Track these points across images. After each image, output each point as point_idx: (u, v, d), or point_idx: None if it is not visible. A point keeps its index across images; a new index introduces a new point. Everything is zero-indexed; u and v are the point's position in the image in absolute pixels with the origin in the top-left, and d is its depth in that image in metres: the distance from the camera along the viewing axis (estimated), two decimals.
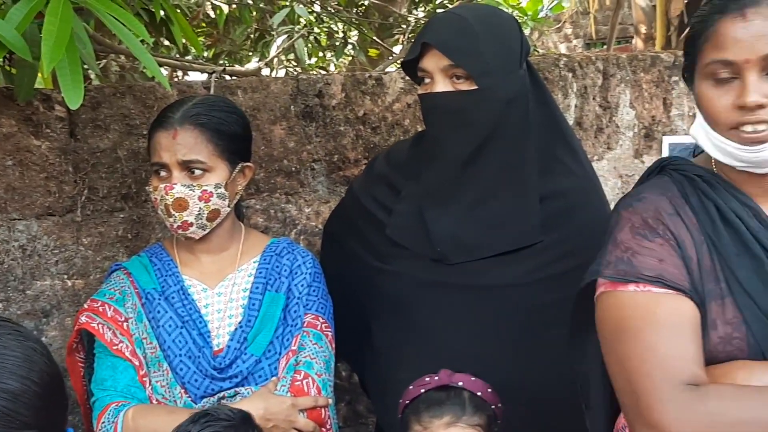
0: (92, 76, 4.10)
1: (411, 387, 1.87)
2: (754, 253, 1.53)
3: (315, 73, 6.00)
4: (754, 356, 1.50)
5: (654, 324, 1.48)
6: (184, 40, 2.55)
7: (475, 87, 1.90)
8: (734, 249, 1.54)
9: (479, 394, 1.83)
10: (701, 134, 1.58)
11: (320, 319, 2.09)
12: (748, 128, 1.48)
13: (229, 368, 2.02)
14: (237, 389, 2.02)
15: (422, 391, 1.84)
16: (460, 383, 1.83)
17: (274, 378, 2.03)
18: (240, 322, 2.05)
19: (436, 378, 1.85)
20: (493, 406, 1.84)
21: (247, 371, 2.02)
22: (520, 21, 2.23)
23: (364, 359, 2.20)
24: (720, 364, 1.50)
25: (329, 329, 2.11)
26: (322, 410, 2.02)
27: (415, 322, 2.03)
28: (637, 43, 5.68)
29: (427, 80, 1.96)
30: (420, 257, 2.03)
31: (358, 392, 2.79)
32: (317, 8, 5.48)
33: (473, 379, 1.84)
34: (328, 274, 2.20)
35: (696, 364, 1.46)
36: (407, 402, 1.86)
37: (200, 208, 1.99)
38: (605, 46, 6.06)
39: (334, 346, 2.11)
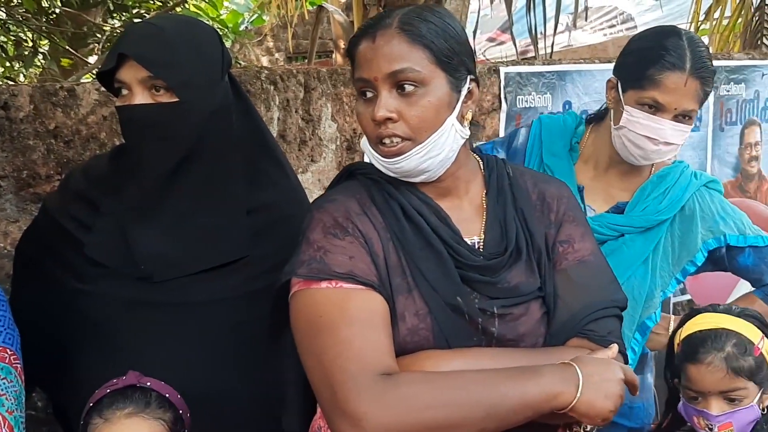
0: None
1: (97, 390, 1.82)
2: (435, 247, 1.67)
3: (1, 83, 5.63)
4: (440, 345, 1.64)
5: (347, 319, 1.56)
6: None
7: (176, 99, 1.85)
8: (418, 244, 1.67)
9: (167, 395, 1.82)
10: (366, 148, 1.71)
11: (8, 351, 1.93)
12: (387, 141, 1.63)
13: None
14: None
15: (108, 391, 1.81)
16: (148, 384, 1.82)
17: None
18: None
19: (124, 378, 1.82)
20: (180, 411, 1.83)
21: None
22: (221, 33, 2.21)
23: (64, 387, 2.07)
24: (409, 355, 1.62)
25: (18, 361, 1.95)
26: None
27: (118, 344, 1.94)
28: (337, 57, 5.83)
29: (124, 92, 1.88)
30: (123, 276, 1.94)
31: (56, 422, 2.63)
32: (2, 15, 5.14)
33: (162, 383, 1.83)
34: (21, 299, 2.05)
35: (388, 355, 1.57)
36: (91, 404, 1.81)
37: None
38: (306, 60, 6.16)
39: (23, 378, 1.96)
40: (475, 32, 5.22)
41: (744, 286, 2.72)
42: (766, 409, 2.07)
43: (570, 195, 1.86)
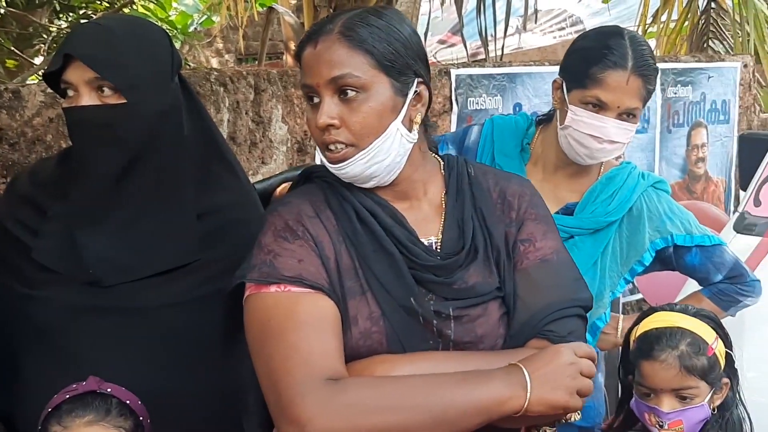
0: None
1: (56, 395, 1.79)
2: (388, 249, 1.65)
3: None
4: (394, 348, 1.62)
5: (295, 323, 1.55)
6: None
7: (123, 100, 1.83)
8: (371, 246, 1.65)
9: (128, 402, 1.80)
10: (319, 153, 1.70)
11: None
12: (332, 147, 1.63)
13: None
14: None
15: (67, 396, 1.78)
16: (109, 390, 1.79)
17: None
18: None
19: (84, 384, 1.79)
20: (141, 418, 1.81)
21: None
22: (170, 35, 2.20)
23: (11, 395, 2.02)
24: (361, 360, 1.60)
25: None
26: None
27: (67, 351, 1.91)
28: (287, 59, 5.81)
29: (71, 93, 1.86)
30: (72, 281, 1.91)
31: (2, 429, 2.59)
32: None
33: (123, 389, 1.81)
34: None
35: (336, 359, 1.55)
36: (50, 410, 1.78)
37: None
38: (257, 62, 6.14)
39: None
40: (425, 34, 5.24)
41: (692, 285, 2.76)
42: (716, 410, 2.10)
43: (533, 192, 1.83)
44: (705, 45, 6.95)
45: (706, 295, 2.51)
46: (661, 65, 4.56)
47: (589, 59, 2.32)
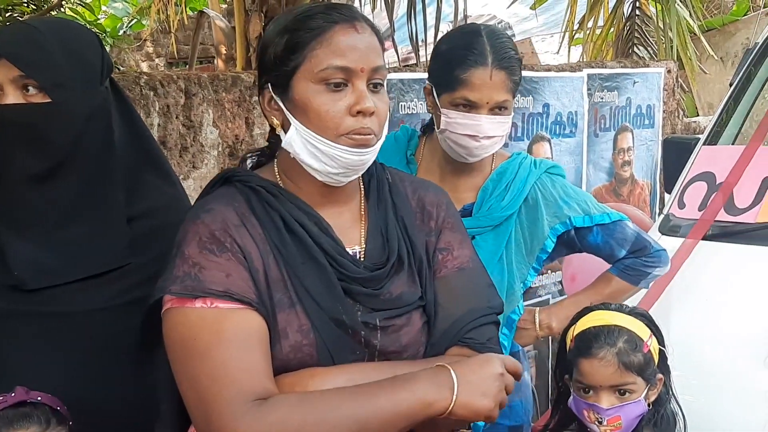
0: None
1: None
2: (318, 260, 1.63)
3: None
4: (324, 361, 1.60)
5: (222, 341, 1.51)
6: None
7: (49, 100, 1.81)
8: (300, 257, 1.62)
9: (58, 408, 1.78)
10: (298, 142, 1.63)
11: None
12: (358, 135, 1.61)
13: None
14: None
15: None
16: (39, 398, 1.77)
17: None
18: None
19: (13, 395, 1.76)
20: (70, 422, 1.80)
21: None
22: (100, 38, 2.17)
23: None
24: (292, 373, 1.58)
25: None
26: None
27: None
28: (218, 63, 5.78)
29: None
30: None
31: None
32: None
33: (49, 396, 1.79)
34: None
35: (266, 377, 1.52)
36: None
37: None
38: (187, 66, 6.09)
39: None
40: None
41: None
42: (650, 405, 2.16)
43: (449, 201, 1.85)
44: (630, 51, 7.10)
45: (614, 274, 2.54)
46: (587, 71, 4.69)
47: (451, 62, 2.34)
